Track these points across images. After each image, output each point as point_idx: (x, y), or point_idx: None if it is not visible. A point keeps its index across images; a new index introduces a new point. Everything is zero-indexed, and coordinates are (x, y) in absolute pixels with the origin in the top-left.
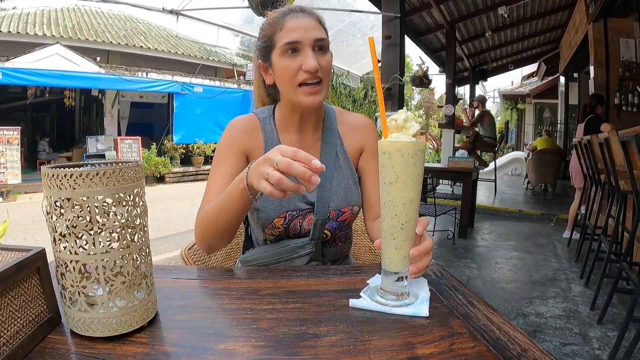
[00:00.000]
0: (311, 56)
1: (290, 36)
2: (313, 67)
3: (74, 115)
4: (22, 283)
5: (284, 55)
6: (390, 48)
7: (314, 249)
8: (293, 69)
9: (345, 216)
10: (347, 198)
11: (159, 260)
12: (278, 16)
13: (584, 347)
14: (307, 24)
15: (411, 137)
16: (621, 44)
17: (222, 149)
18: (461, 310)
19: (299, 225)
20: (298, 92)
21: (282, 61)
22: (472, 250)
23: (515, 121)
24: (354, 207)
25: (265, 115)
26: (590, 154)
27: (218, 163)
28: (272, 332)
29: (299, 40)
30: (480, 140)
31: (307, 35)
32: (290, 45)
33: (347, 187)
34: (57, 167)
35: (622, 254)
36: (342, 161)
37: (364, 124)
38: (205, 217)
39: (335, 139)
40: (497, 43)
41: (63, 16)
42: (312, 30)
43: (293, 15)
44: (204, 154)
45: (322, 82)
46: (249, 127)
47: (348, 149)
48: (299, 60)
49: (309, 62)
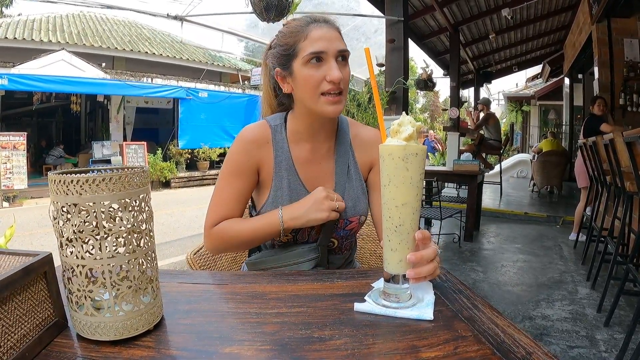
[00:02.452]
0: (336, 67)
1: (316, 46)
2: (338, 77)
3: (79, 121)
4: (29, 287)
5: (307, 65)
6: (394, 51)
7: (320, 254)
8: (317, 78)
9: (352, 225)
10: (355, 208)
11: (164, 264)
12: (302, 24)
13: (590, 350)
14: (331, 35)
15: (402, 140)
16: (625, 44)
17: (234, 165)
18: (466, 314)
19: (307, 234)
20: (320, 101)
21: (306, 70)
22: (478, 253)
23: (520, 123)
24: (362, 216)
25: (277, 122)
26: (595, 155)
27: (230, 179)
28: (277, 336)
29: (325, 50)
30: (485, 143)
31: (332, 46)
32: (315, 54)
33: (356, 197)
34: (63, 172)
35: (628, 256)
36: (353, 172)
37: (376, 140)
38: (226, 237)
39: (348, 150)
40: (501, 45)
41: (68, 22)
42: (336, 41)
43: (317, 25)
44: (209, 159)
45: (343, 92)
46: (260, 138)
47: (359, 161)
48: (323, 71)
49: (334, 73)
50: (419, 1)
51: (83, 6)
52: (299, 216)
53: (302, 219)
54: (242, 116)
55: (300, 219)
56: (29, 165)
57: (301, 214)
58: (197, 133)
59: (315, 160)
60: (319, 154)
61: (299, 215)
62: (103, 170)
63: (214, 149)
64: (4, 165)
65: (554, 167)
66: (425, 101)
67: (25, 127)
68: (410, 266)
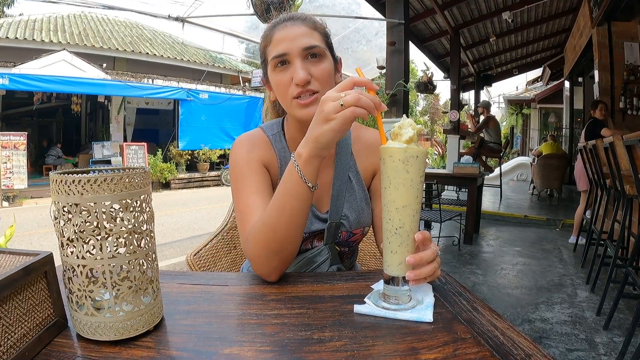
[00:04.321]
0: (299, 67)
1: (278, 49)
2: (301, 79)
3: (80, 121)
4: (30, 287)
5: (275, 70)
6: (395, 54)
7: (330, 252)
8: (284, 83)
9: (355, 237)
10: (359, 220)
11: (164, 265)
12: (269, 28)
13: (590, 353)
14: (294, 33)
15: (402, 143)
16: (625, 48)
17: (240, 167)
18: (465, 316)
19: (310, 244)
20: (293, 106)
21: (274, 76)
22: (478, 256)
23: (521, 126)
24: (365, 227)
25: (274, 131)
26: (595, 158)
27: (245, 181)
28: (277, 337)
29: (286, 52)
30: (485, 146)
31: (294, 46)
32: (278, 58)
33: (360, 209)
34: (65, 173)
35: (628, 259)
36: (355, 183)
37: (379, 143)
38: (259, 232)
39: (349, 160)
40: (502, 48)
41: (69, 23)
42: (300, 38)
43: (281, 26)
44: (209, 160)
45: (319, 92)
46: (258, 141)
47: (361, 168)
48: (289, 73)
49: (298, 75)
50: (419, 4)
51: (84, 7)
52: (306, 142)
53: (309, 143)
54: (242, 118)
55: (307, 144)
56: (29, 165)
57: (306, 139)
58: (198, 134)
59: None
60: None
61: (305, 142)
62: (104, 171)
63: (214, 151)
64: (4, 164)
65: (554, 170)
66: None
67: (26, 127)
68: (410, 268)
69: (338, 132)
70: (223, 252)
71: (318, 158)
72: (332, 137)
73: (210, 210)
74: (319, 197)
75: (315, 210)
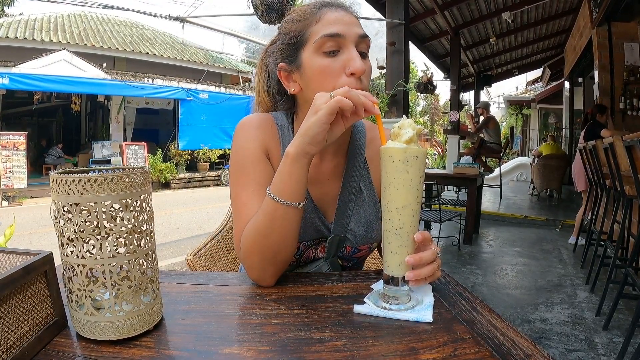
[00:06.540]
0: (358, 55)
1: (332, 28)
2: (361, 68)
3: (80, 121)
4: (30, 286)
5: (319, 53)
6: (395, 54)
7: (331, 267)
8: (334, 69)
9: (361, 253)
10: (367, 236)
11: (164, 265)
12: (312, 8)
13: (589, 354)
14: (350, 19)
15: (402, 143)
16: (625, 48)
17: (243, 153)
18: (465, 316)
19: (312, 255)
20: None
21: (318, 60)
22: (477, 256)
23: (520, 127)
24: (373, 244)
25: (283, 123)
26: (595, 159)
27: (245, 170)
28: (276, 337)
29: (343, 33)
30: (485, 146)
31: (351, 31)
32: (331, 38)
33: (369, 223)
34: (65, 172)
35: (627, 260)
36: (366, 195)
37: None
38: (250, 237)
39: (361, 168)
40: (502, 49)
41: (69, 22)
42: (355, 26)
43: (332, 8)
44: (209, 160)
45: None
46: (268, 126)
47: (374, 178)
48: (341, 60)
49: (356, 63)
50: (420, 4)
51: (84, 6)
52: (295, 137)
53: (298, 138)
54: (242, 117)
55: (296, 139)
56: (29, 164)
57: (297, 133)
58: (198, 134)
59: (319, 180)
60: (326, 169)
61: (295, 137)
62: (104, 170)
63: (214, 150)
64: (4, 164)
65: (554, 171)
66: (426, 104)
67: (26, 127)
68: (410, 268)
69: (324, 124)
70: (223, 252)
71: (306, 155)
72: (318, 128)
73: (210, 210)
74: (325, 205)
75: (322, 217)
